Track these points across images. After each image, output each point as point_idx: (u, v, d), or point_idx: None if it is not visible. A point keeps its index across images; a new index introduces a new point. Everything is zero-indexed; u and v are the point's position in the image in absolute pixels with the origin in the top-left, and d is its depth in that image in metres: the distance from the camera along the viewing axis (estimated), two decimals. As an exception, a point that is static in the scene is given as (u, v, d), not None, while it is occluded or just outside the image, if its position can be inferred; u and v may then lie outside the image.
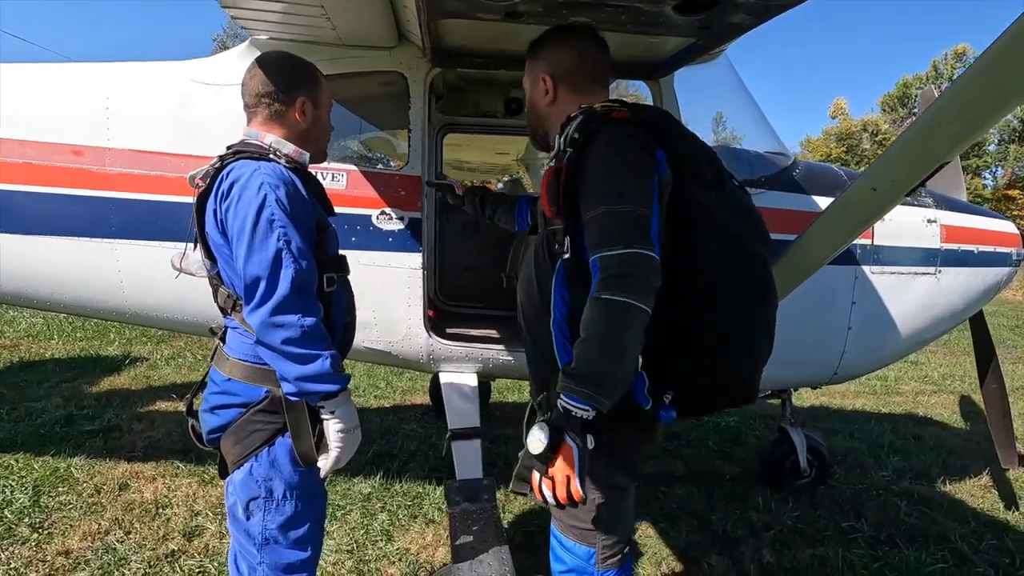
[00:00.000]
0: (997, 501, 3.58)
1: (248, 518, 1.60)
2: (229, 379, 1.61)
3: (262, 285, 1.43)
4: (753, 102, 3.22)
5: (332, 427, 1.53)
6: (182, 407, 4.54)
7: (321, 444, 1.58)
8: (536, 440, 1.25)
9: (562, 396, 1.27)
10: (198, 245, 1.67)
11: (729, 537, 3.02)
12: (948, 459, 4.20)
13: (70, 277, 2.62)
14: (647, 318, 1.26)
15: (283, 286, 1.42)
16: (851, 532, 3.09)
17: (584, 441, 1.25)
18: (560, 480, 1.24)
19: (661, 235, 1.35)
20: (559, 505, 1.26)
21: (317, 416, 1.55)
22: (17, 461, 3.44)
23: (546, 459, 1.24)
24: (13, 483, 3.17)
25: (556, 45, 1.61)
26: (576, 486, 1.24)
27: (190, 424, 1.75)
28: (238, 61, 2.61)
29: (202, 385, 1.75)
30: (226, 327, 1.68)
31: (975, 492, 3.69)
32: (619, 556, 1.52)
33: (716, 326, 1.39)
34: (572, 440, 1.24)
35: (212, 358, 1.70)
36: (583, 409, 1.24)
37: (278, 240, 1.44)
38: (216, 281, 1.63)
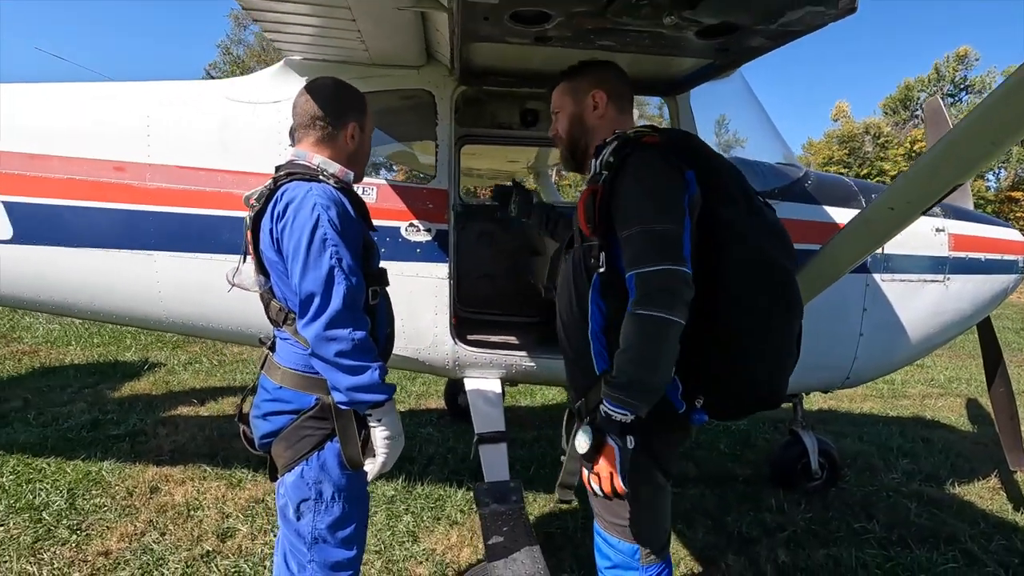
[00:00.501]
0: (1006, 503, 3.66)
1: (299, 518, 1.69)
2: (280, 387, 1.70)
3: (316, 300, 1.52)
4: (765, 115, 3.32)
5: (379, 434, 1.63)
6: (204, 412, 4.71)
7: (366, 449, 1.67)
8: (582, 442, 1.42)
9: (604, 402, 1.42)
10: (248, 260, 1.77)
11: (744, 538, 3.10)
12: (956, 462, 4.27)
13: (111, 287, 2.72)
14: (680, 329, 1.38)
15: (336, 301, 1.52)
16: (863, 533, 3.17)
17: (624, 442, 1.41)
18: (604, 476, 1.42)
19: (692, 251, 1.45)
20: (607, 497, 1.44)
21: (362, 422, 1.65)
22: (49, 465, 3.55)
23: (591, 458, 1.42)
24: (48, 486, 3.27)
25: (601, 68, 1.74)
26: (619, 481, 1.40)
27: (241, 429, 1.84)
28: (272, 80, 2.73)
29: (251, 392, 1.84)
30: (275, 338, 1.78)
31: (984, 494, 3.77)
32: (662, 552, 1.61)
33: (739, 335, 1.48)
34: (613, 441, 1.40)
35: (262, 367, 1.79)
36: (622, 414, 1.40)
37: (331, 258, 1.53)
38: (268, 295, 1.72)
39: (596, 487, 1.43)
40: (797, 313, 1.55)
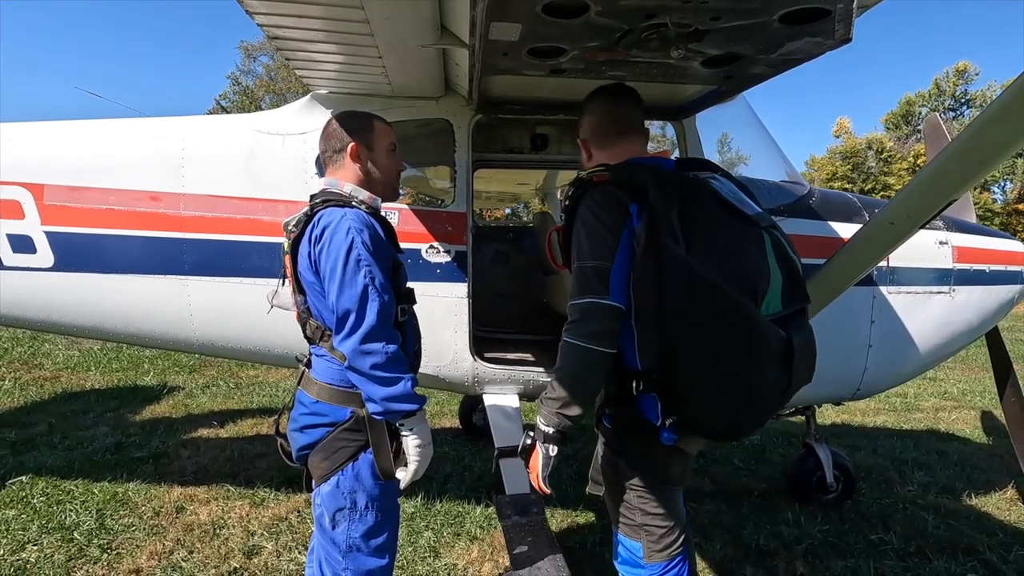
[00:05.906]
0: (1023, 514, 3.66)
1: (334, 527, 1.77)
2: (317, 401, 1.79)
3: (352, 317, 1.62)
4: (768, 135, 3.44)
5: (411, 443, 1.71)
6: (224, 433, 4.81)
7: (398, 459, 1.76)
8: (522, 442, 1.69)
9: (539, 413, 1.64)
10: (286, 282, 1.88)
11: (762, 550, 3.12)
12: (972, 473, 4.28)
13: (145, 311, 2.84)
14: (597, 355, 1.51)
15: (370, 317, 1.62)
16: (880, 545, 3.19)
17: (547, 449, 1.62)
18: (532, 474, 1.66)
19: (643, 282, 1.48)
20: (540, 492, 1.69)
21: (393, 434, 1.74)
22: (77, 487, 3.63)
23: (526, 456, 1.68)
24: (78, 507, 3.35)
25: (584, 113, 1.80)
26: (538, 481, 1.65)
27: (279, 443, 1.93)
28: (299, 113, 2.88)
29: (287, 408, 1.94)
30: (311, 354, 1.88)
31: (1001, 505, 3.77)
32: (666, 552, 1.68)
33: (682, 360, 1.47)
34: (541, 446, 1.62)
35: (299, 383, 1.89)
36: (545, 425, 1.61)
37: (365, 277, 1.64)
38: (306, 315, 1.83)
39: (532, 480, 1.68)
40: (749, 346, 1.46)
